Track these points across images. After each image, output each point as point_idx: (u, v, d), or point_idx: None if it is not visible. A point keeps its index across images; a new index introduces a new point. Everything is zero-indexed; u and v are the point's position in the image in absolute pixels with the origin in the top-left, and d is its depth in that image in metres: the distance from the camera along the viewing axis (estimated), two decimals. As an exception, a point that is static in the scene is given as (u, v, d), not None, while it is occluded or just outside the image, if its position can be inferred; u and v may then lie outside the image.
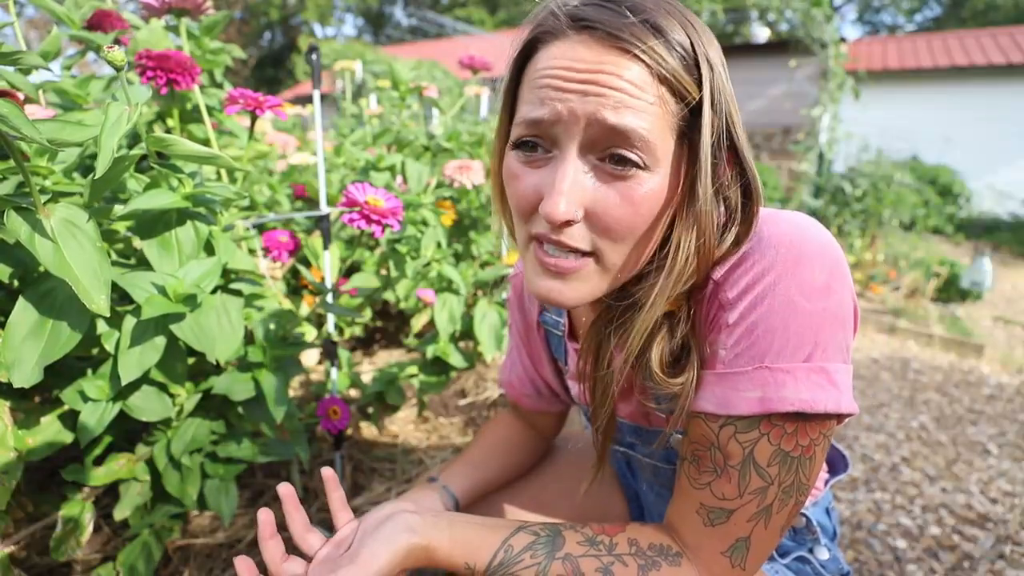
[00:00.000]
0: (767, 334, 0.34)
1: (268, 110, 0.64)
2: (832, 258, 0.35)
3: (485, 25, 17.04)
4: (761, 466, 0.35)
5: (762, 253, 0.35)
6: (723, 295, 0.36)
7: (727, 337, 0.36)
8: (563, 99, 0.33)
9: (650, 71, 0.32)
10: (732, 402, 0.35)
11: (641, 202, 0.34)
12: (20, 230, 0.44)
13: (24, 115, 0.40)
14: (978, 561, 1.03)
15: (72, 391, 0.55)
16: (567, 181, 0.33)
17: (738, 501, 0.36)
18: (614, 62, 0.32)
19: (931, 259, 3.16)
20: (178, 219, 0.56)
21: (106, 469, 0.61)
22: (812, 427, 0.35)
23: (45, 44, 0.66)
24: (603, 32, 0.32)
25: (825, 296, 0.34)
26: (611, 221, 0.34)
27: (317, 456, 1.13)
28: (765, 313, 0.34)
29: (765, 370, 0.34)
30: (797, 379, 0.34)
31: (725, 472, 0.36)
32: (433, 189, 1.04)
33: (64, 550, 0.56)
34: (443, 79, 5.95)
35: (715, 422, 0.37)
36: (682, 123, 0.34)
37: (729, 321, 0.36)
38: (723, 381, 0.36)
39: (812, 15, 3.94)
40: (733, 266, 0.36)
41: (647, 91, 0.32)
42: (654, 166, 0.33)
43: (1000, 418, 1.66)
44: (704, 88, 0.33)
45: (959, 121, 6.38)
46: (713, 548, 0.37)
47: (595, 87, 0.32)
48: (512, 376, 0.62)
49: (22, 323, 0.47)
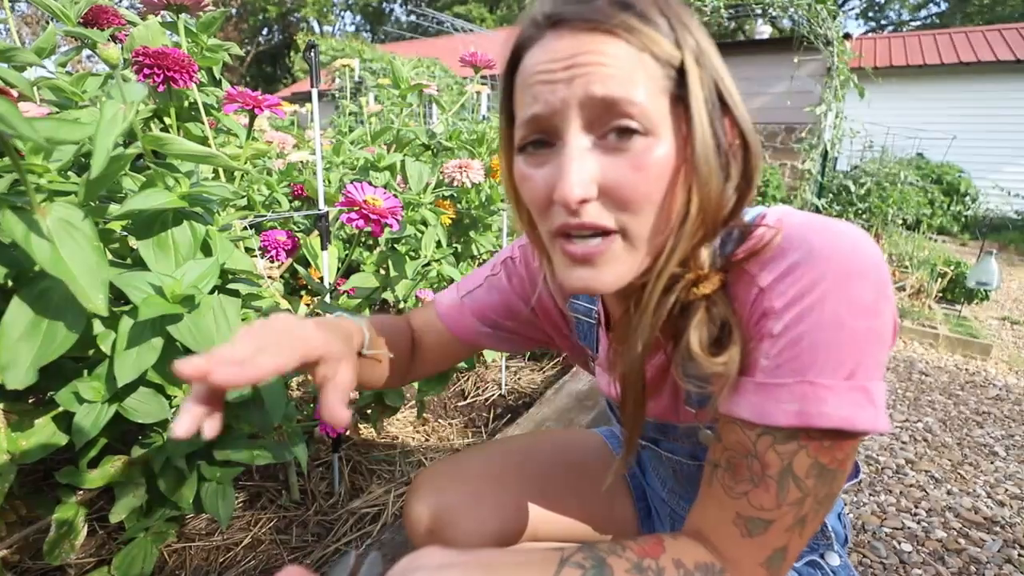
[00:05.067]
0: (812, 348, 0.34)
1: (266, 109, 0.63)
2: (883, 277, 0.34)
3: (485, 22, 17.01)
4: (800, 478, 0.35)
5: (813, 265, 0.34)
6: (769, 303, 0.35)
7: (770, 347, 0.35)
8: (552, 91, 0.34)
9: (628, 43, 0.33)
10: (770, 413, 0.35)
11: (650, 167, 0.34)
12: (16, 229, 0.43)
13: (19, 113, 0.39)
14: (985, 565, 1.02)
15: (67, 392, 0.54)
16: (573, 162, 0.34)
17: (776, 512, 0.36)
18: (591, 42, 0.33)
19: (936, 259, 3.13)
20: (174, 219, 0.55)
21: (101, 472, 0.60)
22: (847, 442, 0.35)
23: (40, 40, 0.65)
24: (576, 21, 0.34)
25: (872, 315, 0.34)
26: (626, 192, 0.34)
27: (315, 458, 1.12)
28: (812, 327, 0.34)
29: (807, 384, 0.34)
30: (839, 396, 0.33)
31: (763, 482, 0.35)
32: (433, 188, 1.03)
33: (58, 554, 0.56)
34: (443, 77, 5.94)
35: (752, 430, 0.36)
36: (671, 84, 0.34)
37: (774, 331, 0.35)
38: (762, 390, 0.35)
39: (816, 11, 3.91)
40: (782, 274, 0.35)
41: (631, 60, 0.33)
42: (655, 131, 0.34)
43: (1007, 420, 1.64)
44: (684, 48, 0.34)
45: (965, 119, 6.33)
46: (753, 560, 0.37)
47: (578, 68, 0.33)
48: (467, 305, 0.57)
49: (16, 324, 0.46)
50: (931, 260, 3.10)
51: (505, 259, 0.58)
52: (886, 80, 6.35)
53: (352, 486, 1.08)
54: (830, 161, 4.55)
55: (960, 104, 6.43)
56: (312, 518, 0.97)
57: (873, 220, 3.97)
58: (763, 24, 5.77)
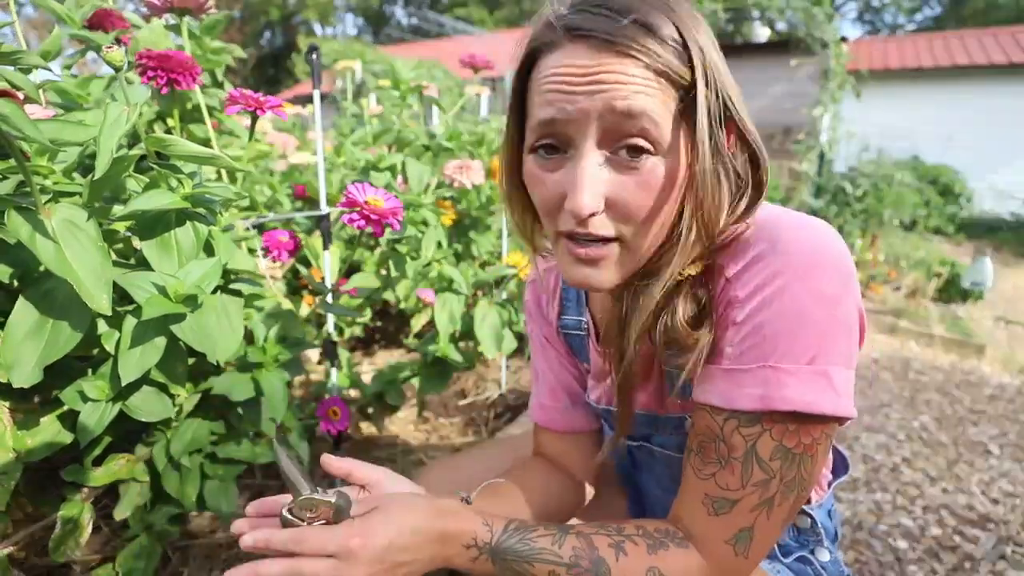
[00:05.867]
0: (774, 335, 0.35)
1: (269, 110, 0.64)
2: (846, 271, 0.36)
3: (485, 24, 17.03)
4: (763, 459, 0.36)
5: (776, 256, 0.36)
6: (733, 292, 0.38)
7: (734, 334, 0.37)
8: (571, 100, 0.35)
9: (647, 66, 0.35)
10: (735, 397, 0.37)
11: (657, 187, 0.36)
12: (21, 230, 0.44)
13: (26, 115, 0.40)
14: (979, 562, 1.03)
15: (72, 391, 0.55)
16: (587, 177, 0.36)
17: (741, 492, 0.37)
18: (612, 60, 0.35)
19: (932, 259, 3.15)
20: (178, 219, 0.55)
21: (105, 469, 0.61)
22: (814, 427, 0.36)
23: (46, 43, 0.66)
24: (598, 39, 0.35)
25: (834, 305, 0.35)
26: (631, 208, 0.36)
27: (317, 456, 1.13)
28: (774, 315, 0.35)
29: (769, 369, 0.36)
30: (800, 380, 0.35)
31: (728, 464, 0.37)
32: (433, 189, 1.04)
33: (63, 551, 0.56)
34: (443, 79, 5.94)
35: (719, 415, 0.38)
36: (680, 105, 0.36)
37: (738, 319, 0.37)
38: (728, 376, 0.37)
39: (813, 14, 3.94)
40: (747, 265, 0.37)
41: (647, 81, 0.35)
42: (663, 151, 0.36)
43: (1001, 418, 1.66)
44: (696, 70, 0.35)
45: (960, 121, 6.37)
46: (717, 537, 0.39)
47: (600, 84, 0.35)
48: (542, 395, 0.58)
49: (22, 323, 0.46)
50: (926, 260, 3.12)
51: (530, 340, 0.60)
52: (882, 83, 6.39)
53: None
54: (827, 163, 4.58)
55: (955, 106, 6.47)
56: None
57: (870, 221, 3.99)
58: (760, 27, 5.81)
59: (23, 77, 0.53)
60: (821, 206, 4.22)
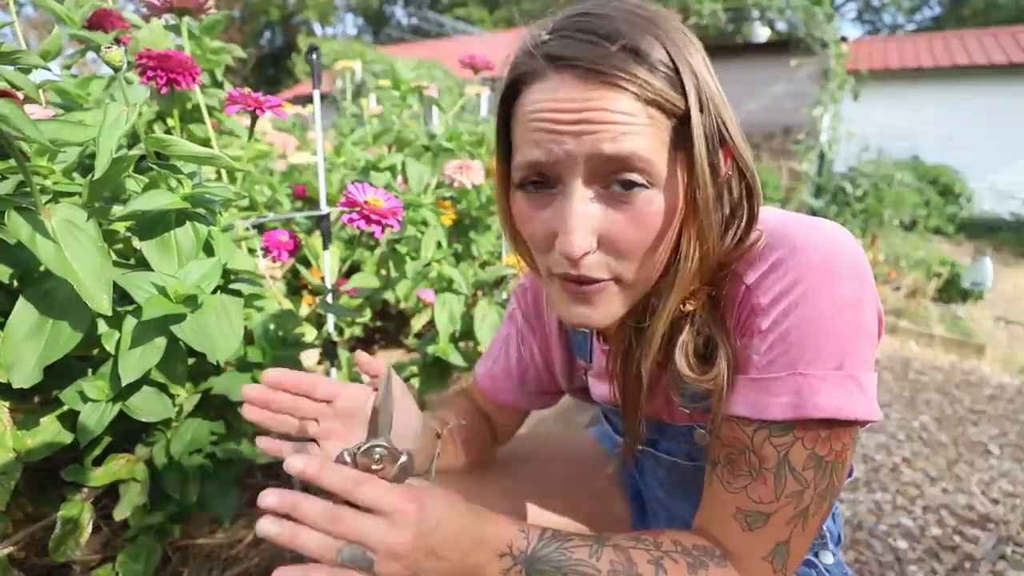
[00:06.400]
0: (800, 342, 0.35)
1: (268, 110, 0.64)
2: (863, 271, 0.36)
3: (485, 24, 17.03)
4: (796, 470, 0.36)
5: (795, 262, 0.35)
6: (756, 300, 0.37)
7: (760, 342, 0.36)
8: (557, 140, 0.34)
9: (637, 97, 0.33)
10: (766, 406, 0.36)
11: (650, 221, 0.35)
12: (21, 230, 0.44)
13: (26, 115, 0.40)
14: (979, 562, 1.03)
15: (72, 391, 0.55)
16: (577, 217, 0.34)
17: (775, 504, 0.36)
18: (600, 96, 0.32)
19: (932, 259, 3.16)
20: (177, 220, 0.55)
21: (105, 469, 0.61)
22: (844, 432, 0.36)
23: (45, 44, 0.66)
24: (583, 69, 0.32)
25: (856, 309, 0.35)
26: (624, 245, 0.35)
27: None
28: (798, 321, 0.35)
29: (799, 376, 0.35)
30: (831, 386, 0.35)
31: (760, 475, 0.36)
32: (433, 189, 1.04)
33: (63, 551, 0.56)
34: (443, 79, 5.95)
35: (749, 426, 0.37)
36: (674, 134, 0.34)
37: (763, 327, 0.36)
38: (757, 386, 0.36)
39: (813, 14, 3.94)
40: (766, 272, 0.36)
41: (638, 115, 0.33)
42: (657, 183, 0.34)
43: (1001, 418, 1.66)
44: (690, 96, 0.33)
45: (960, 121, 6.37)
46: (754, 554, 0.37)
47: (587, 125, 0.33)
48: (495, 368, 0.60)
49: (22, 323, 0.46)
50: (926, 260, 3.12)
51: (506, 322, 0.60)
52: (882, 83, 6.39)
53: (352, 485, 1.08)
54: (827, 163, 4.58)
55: (955, 106, 6.47)
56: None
57: (870, 221, 3.99)
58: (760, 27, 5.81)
59: (23, 77, 0.53)
60: (821, 206, 4.23)
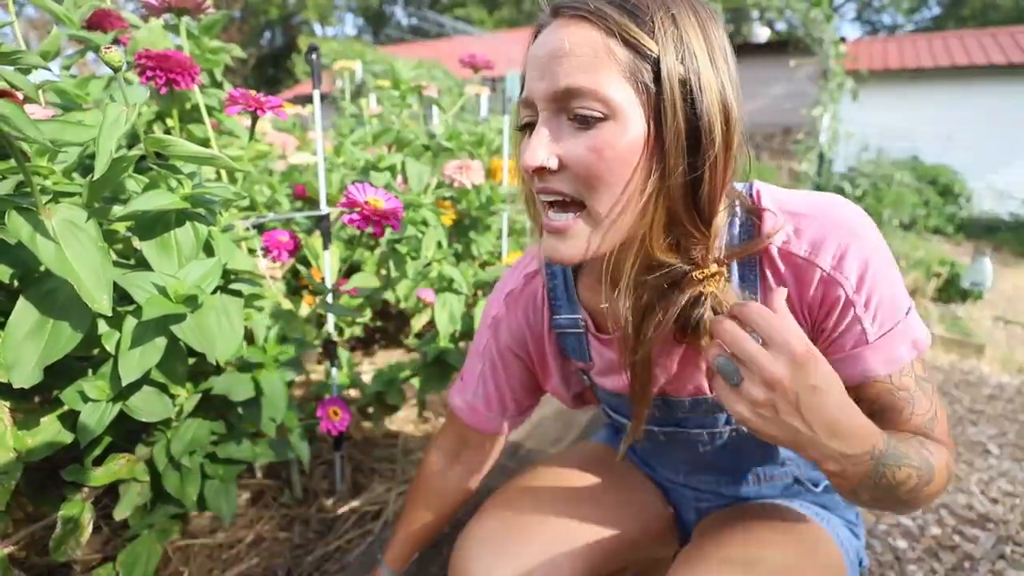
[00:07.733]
0: (889, 297, 0.42)
1: (268, 110, 0.64)
2: (868, 218, 0.44)
3: (484, 24, 17.03)
4: (921, 378, 0.44)
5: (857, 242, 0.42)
6: (846, 283, 0.42)
7: (865, 314, 0.42)
8: (533, 78, 0.39)
9: (597, 27, 0.36)
10: (896, 357, 0.43)
11: (603, 149, 0.37)
12: (22, 230, 0.44)
13: (26, 115, 0.40)
14: (979, 561, 1.03)
15: (72, 391, 0.55)
16: (537, 136, 0.39)
17: (933, 407, 0.45)
18: (571, 33, 0.37)
19: (931, 259, 3.15)
20: (177, 220, 0.55)
21: (106, 469, 0.61)
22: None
23: (44, 44, 0.66)
24: (568, 10, 0.38)
25: (886, 249, 0.43)
26: (581, 168, 0.38)
27: (317, 456, 1.13)
28: (879, 283, 0.42)
29: (903, 323, 0.43)
30: (916, 319, 0.44)
31: (913, 398, 0.44)
32: (433, 189, 1.04)
33: (64, 550, 0.56)
34: (443, 79, 5.95)
35: (889, 376, 0.43)
36: (646, 74, 0.37)
37: (864, 302, 0.42)
38: (880, 347, 0.43)
39: (812, 15, 3.94)
40: (840, 257, 0.42)
41: (595, 47, 0.36)
42: (618, 116, 0.37)
43: (1001, 418, 1.66)
44: (660, 40, 0.36)
45: (959, 121, 6.37)
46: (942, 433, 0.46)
47: (554, 61, 0.37)
48: (475, 399, 0.60)
49: (22, 323, 0.46)
50: (926, 260, 3.12)
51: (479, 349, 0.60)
52: (881, 83, 6.40)
53: (354, 484, 1.08)
54: (826, 163, 4.58)
55: (954, 106, 6.47)
56: (314, 516, 0.98)
57: (869, 221, 3.98)
58: (760, 27, 5.81)
59: (22, 77, 0.53)
60: (821, 206, 4.21)
